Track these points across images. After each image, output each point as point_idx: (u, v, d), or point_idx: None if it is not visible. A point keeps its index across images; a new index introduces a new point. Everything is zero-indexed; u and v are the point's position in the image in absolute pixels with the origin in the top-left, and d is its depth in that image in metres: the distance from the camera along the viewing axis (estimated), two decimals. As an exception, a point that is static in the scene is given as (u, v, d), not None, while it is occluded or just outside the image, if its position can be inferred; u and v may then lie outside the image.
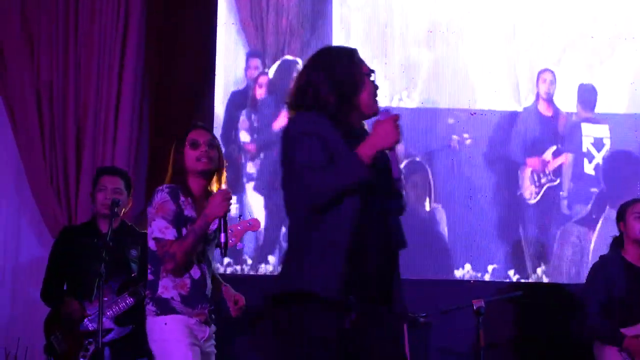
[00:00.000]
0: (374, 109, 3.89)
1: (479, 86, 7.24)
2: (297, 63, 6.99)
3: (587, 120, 7.23)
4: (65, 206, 6.67)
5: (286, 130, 3.86)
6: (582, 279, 6.35)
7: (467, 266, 6.97)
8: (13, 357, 6.21)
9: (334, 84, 3.86)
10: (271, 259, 6.82)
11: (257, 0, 7.11)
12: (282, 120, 6.81)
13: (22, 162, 6.76)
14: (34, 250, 6.70)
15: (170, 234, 4.37)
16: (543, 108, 7.22)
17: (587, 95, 7.19)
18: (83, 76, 6.86)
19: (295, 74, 5.39)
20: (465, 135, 7.11)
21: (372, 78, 3.93)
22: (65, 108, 6.79)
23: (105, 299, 5.23)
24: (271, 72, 7.05)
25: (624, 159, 7.05)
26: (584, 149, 7.21)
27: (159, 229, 4.38)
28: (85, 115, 6.80)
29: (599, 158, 7.13)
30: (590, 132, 7.22)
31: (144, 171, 6.84)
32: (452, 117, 7.17)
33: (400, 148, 4.57)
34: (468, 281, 6.90)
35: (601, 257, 6.25)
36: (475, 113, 7.13)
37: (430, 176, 7.08)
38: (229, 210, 4.43)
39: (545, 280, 6.95)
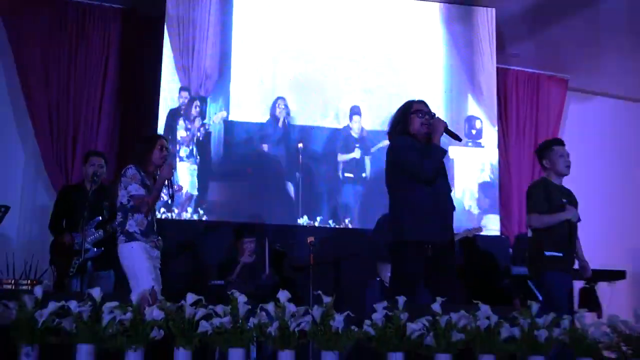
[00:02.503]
0: (421, 132, 4.39)
1: (320, 108, 7.34)
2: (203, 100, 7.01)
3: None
4: (65, 174, 6.72)
5: (392, 147, 4.42)
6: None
7: (305, 217, 7.07)
8: (29, 266, 6.18)
9: (397, 124, 4.46)
10: (189, 209, 6.80)
11: (186, 52, 7.02)
12: (208, 127, 6.94)
13: (39, 148, 6.78)
14: (44, 200, 6.70)
15: (142, 191, 4.63)
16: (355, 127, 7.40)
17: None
18: (78, 96, 6.92)
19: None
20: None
21: (421, 116, 4.39)
22: (67, 116, 6.86)
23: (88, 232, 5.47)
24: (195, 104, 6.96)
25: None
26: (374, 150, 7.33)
27: (135, 189, 4.62)
28: (79, 120, 6.89)
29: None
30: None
31: (115, 155, 6.91)
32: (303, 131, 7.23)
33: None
34: (305, 226, 6.98)
35: (385, 214, 5.82)
36: (320, 128, 7.31)
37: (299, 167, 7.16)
38: (173, 174, 4.85)
39: (350, 226, 7.11)
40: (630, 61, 8.41)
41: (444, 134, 4.38)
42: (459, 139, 4.50)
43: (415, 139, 4.36)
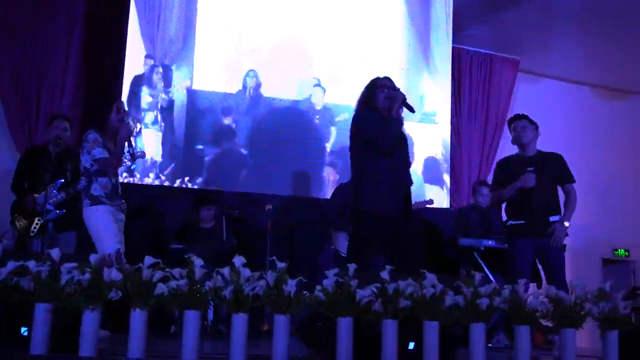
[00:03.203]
0: (384, 106, 4.38)
1: (282, 80, 7.29)
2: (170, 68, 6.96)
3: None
4: (28, 136, 6.59)
5: (355, 118, 4.40)
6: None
7: (264, 185, 7.03)
8: (-11, 227, 5.99)
9: (363, 98, 4.45)
10: (151, 175, 6.72)
11: (152, 20, 6.89)
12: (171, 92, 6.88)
13: (3, 109, 6.65)
14: (7, 161, 6.46)
15: (105, 154, 4.59)
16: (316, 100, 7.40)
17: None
18: (44, 58, 6.77)
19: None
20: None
21: (385, 90, 4.40)
22: (30, 77, 6.70)
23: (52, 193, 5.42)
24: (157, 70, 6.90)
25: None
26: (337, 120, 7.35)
27: (100, 153, 4.58)
28: (44, 83, 6.74)
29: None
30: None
31: (79, 119, 6.67)
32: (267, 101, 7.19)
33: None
34: (264, 194, 6.90)
35: (342, 184, 6.22)
36: (281, 100, 7.29)
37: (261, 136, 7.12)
38: (133, 133, 4.79)
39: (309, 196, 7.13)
40: (577, 46, 8.58)
41: (402, 106, 4.43)
42: (413, 111, 4.53)
43: (379, 112, 4.40)
